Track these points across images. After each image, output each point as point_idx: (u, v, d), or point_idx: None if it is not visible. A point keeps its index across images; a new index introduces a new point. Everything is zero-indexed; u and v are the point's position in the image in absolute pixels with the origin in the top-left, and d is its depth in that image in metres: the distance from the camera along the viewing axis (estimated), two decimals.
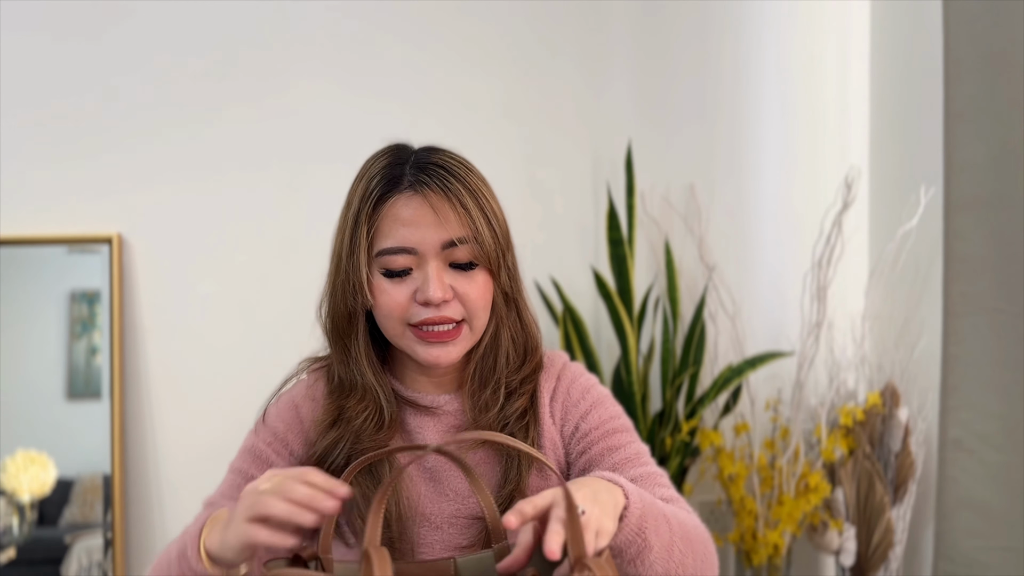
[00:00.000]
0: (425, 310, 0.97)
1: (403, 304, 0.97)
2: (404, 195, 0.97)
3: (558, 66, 2.05)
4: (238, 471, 1.03)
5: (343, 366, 1.03)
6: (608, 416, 1.05)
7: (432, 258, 0.97)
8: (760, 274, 2.15)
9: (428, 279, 0.96)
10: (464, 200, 0.96)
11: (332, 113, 1.94)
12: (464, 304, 0.98)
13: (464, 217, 0.96)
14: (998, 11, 1.67)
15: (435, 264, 0.96)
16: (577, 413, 1.05)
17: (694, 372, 1.96)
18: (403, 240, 0.96)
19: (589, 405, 1.05)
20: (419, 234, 0.96)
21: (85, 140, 1.85)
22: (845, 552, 1.93)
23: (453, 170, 0.98)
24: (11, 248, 1.82)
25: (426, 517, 0.99)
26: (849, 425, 1.92)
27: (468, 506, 0.99)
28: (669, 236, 2.06)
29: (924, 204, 1.92)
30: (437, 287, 0.95)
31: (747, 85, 2.14)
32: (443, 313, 0.97)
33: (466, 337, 1.00)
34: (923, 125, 1.95)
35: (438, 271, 0.96)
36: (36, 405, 1.83)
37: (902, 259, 1.98)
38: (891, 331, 2.01)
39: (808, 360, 1.95)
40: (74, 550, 1.81)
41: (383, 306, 0.98)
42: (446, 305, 0.97)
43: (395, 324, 0.99)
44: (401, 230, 0.96)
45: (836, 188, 2.00)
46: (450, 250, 0.97)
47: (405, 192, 0.97)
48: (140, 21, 1.87)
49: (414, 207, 0.96)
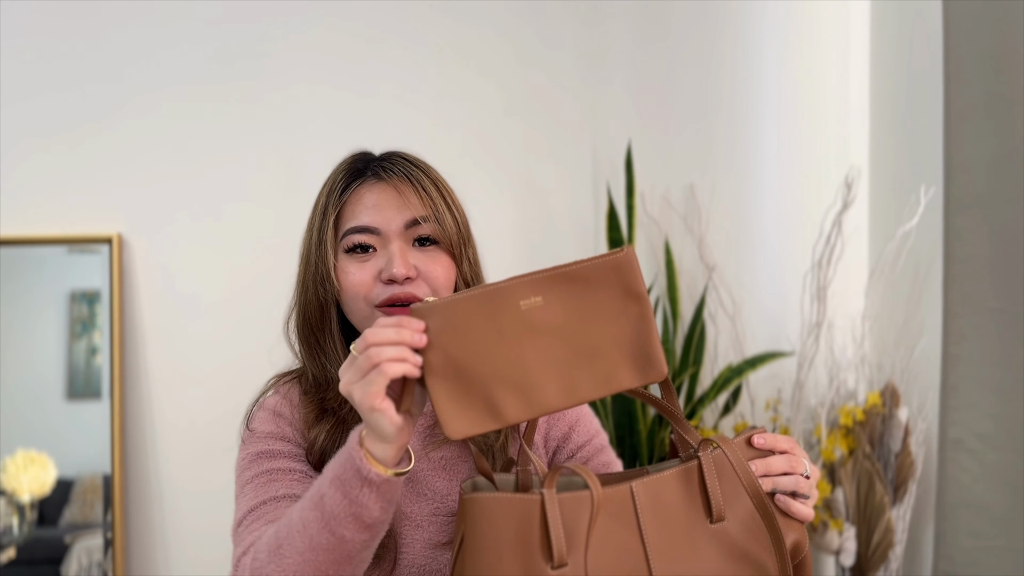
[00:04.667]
0: (390, 288, 0.98)
1: (368, 283, 0.99)
2: (368, 182, 1.02)
3: (558, 66, 2.05)
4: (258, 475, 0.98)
5: (316, 364, 1.03)
6: (595, 430, 1.09)
7: (395, 238, 0.99)
8: (760, 274, 2.15)
9: (392, 256, 0.98)
10: (425, 185, 1.01)
11: (332, 114, 1.94)
12: (428, 282, 0.99)
13: (426, 199, 1.00)
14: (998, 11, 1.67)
15: (398, 243, 0.99)
16: (565, 423, 1.07)
17: (694, 372, 1.96)
18: (367, 220, 0.99)
19: (575, 418, 1.08)
20: (382, 215, 0.99)
21: (85, 140, 1.85)
22: (845, 552, 1.93)
23: (415, 162, 1.04)
24: (11, 248, 1.82)
25: (408, 516, 1.00)
26: (849, 425, 1.92)
27: (447, 504, 1.01)
28: (669, 236, 2.06)
29: (924, 204, 1.92)
30: (400, 263, 0.97)
31: (747, 85, 2.14)
32: (407, 290, 0.98)
33: None
34: (923, 125, 1.95)
35: (401, 249, 0.98)
36: (36, 405, 1.83)
37: (902, 259, 1.98)
38: (891, 331, 2.01)
39: (808, 360, 1.95)
40: (74, 550, 1.81)
41: (349, 287, 0.99)
42: (410, 283, 0.98)
43: (362, 306, 0.99)
44: (365, 212, 1.00)
45: (836, 188, 2.00)
46: (413, 228, 0.99)
47: (369, 180, 1.02)
48: (141, 22, 1.87)
49: (377, 191, 1.01)
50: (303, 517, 0.83)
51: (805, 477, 0.87)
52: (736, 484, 0.85)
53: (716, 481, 0.84)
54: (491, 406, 0.79)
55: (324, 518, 0.82)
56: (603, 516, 0.80)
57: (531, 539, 0.77)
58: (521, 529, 0.78)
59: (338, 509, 0.81)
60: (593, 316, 0.81)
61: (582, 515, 0.78)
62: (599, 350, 0.81)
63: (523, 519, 0.78)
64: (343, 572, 0.84)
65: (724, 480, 0.85)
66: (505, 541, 0.78)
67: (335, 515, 0.81)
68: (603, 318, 0.82)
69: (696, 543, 0.83)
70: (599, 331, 0.82)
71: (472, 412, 0.78)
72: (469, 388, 0.79)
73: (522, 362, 0.79)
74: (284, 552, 0.83)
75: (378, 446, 0.81)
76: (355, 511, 0.81)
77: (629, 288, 0.82)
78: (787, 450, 0.88)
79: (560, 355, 0.80)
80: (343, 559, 0.83)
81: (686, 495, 0.83)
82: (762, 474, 0.86)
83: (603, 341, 0.82)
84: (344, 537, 0.82)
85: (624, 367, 0.82)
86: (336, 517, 0.81)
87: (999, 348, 1.70)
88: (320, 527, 0.82)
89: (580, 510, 0.78)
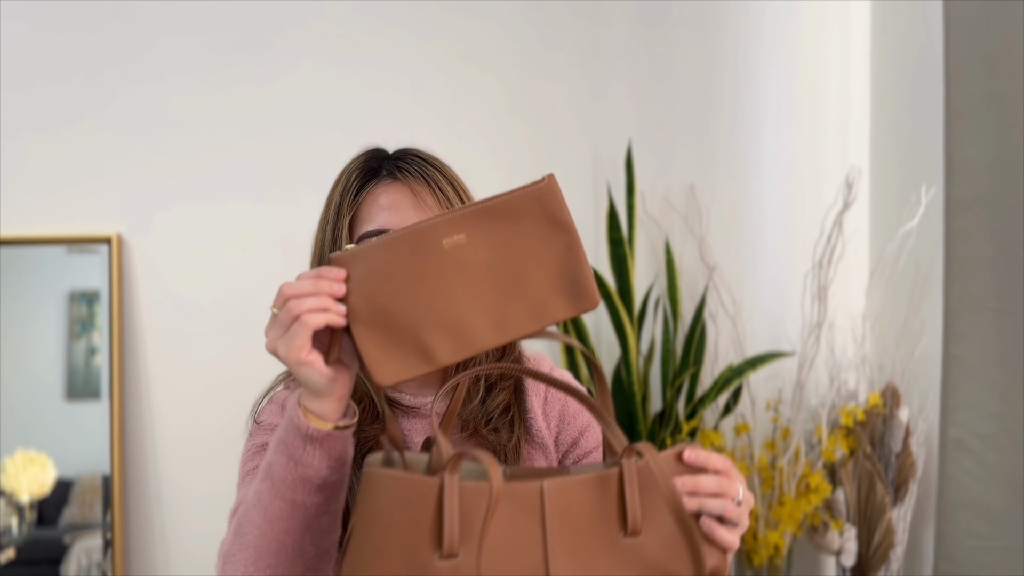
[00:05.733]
0: None
1: None
2: (383, 183, 0.99)
3: (558, 66, 2.05)
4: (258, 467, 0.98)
5: None
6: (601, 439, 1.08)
7: None
8: (760, 274, 2.15)
9: None
10: (442, 185, 0.99)
11: (332, 114, 1.94)
12: None
13: (443, 200, 0.98)
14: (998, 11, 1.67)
15: None
16: (576, 427, 1.06)
17: (694, 372, 1.96)
18: (383, 223, 0.97)
19: (584, 424, 1.07)
20: (399, 216, 0.97)
21: (85, 140, 1.85)
22: (846, 552, 1.93)
23: (431, 160, 1.02)
24: (11, 248, 1.82)
25: None
26: (850, 425, 1.92)
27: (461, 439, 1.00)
28: (669, 236, 2.06)
29: (924, 204, 1.92)
30: None
31: (747, 85, 2.14)
32: None
33: None
34: (923, 125, 1.95)
35: None
36: (36, 405, 1.83)
37: (902, 259, 1.98)
38: (891, 331, 2.01)
39: (809, 360, 1.95)
40: (73, 550, 1.81)
41: None
42: None
43: None
44: (381, 214, 0.98)
45: (836, 188, 2.00)
46: None
47: (384, 180, 0.99)
48: (139, 19, 1.87)
49: (393, 192, 0.98)
50: (257, 490, 0.83)
51: (737, 503, 0.81)
52: (658, 498, 0.80)
53: (636, 492, 0.79)
54: (421, 349, 0.77)
55: (275, 486, 0.81)
56: (508, 511, 0.76)
57: (423, 524, 0.73)
58: (415, 513, 0.73)
59: (285, 473, 0.81)
60: (519, 249, 0.80)
61: (483, 506, 0.74)
62: (528, 284, 0.79)
63: (419, 503, 0.73)
64: (304, 542, 0.82)
65: (646, 492, 0.80)
66: (397, 523, 0.73)
67: (284, 480, 0.81)
68: (529, 250, 0.80)
69: (604, 553, 0.78)
70: (526, 264, 0.80)
71: (401, 356, 0.77)
72: (397, 333, 0.77)
73: (450, 302, 0.78)
74: (244, 530, 0.83)
75: (315, 402, 0.80)
76: (301, 472, 0.80)
77: (553, 218, 0.81)
78: (721, 470, 0.82)
79: (489, 292, 0.79)
80: (301, 527, 0.82)
81: (601, 502, 0.79)
82: (689, 491, 0.80)
83: (531, 274, 0.80)
84: (296, 502, 0.81)
85: (555, 298, 0.80)
86: (285, 481, 0.81)
87: (999, 348, 1.70)
88: (272, 496, 0.81)
89: (482, 501, 0.74)
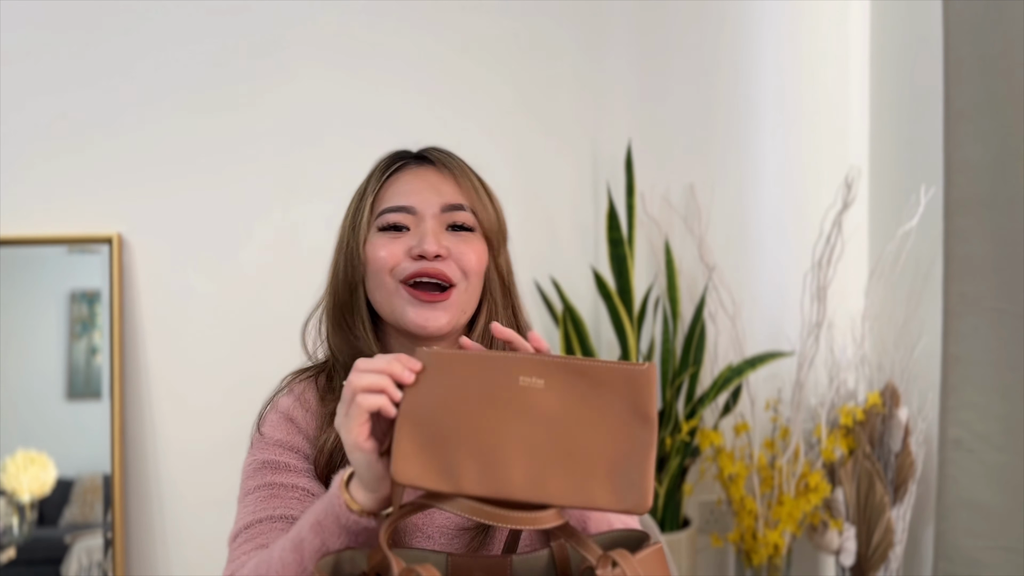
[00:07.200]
0: (418, 263, 0.96)
1: (396, 256, 0.97)
2: (409, 169, 1.02)
3: (558, 66, 2.05)
4: (260, 487, 0.98)
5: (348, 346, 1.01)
6: None
7: (430, 218, 0.98)
8: (760, 274, 2.15)
9: (424, 234, 0.96)
10: (467, 174, 1.02)
11: (332, 113, 1.94)
12: (459, 264, 0.98)
13: (466, 189, 1.00)
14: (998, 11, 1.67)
15: (433, 223, 0.98)
16: None
17: (694, 372, 1.96)
18: (404, 200, 0.99)
19: None
20: (420, 196, 0.99)
21: (85, 140, 1.85)
22: (845, 552, 1.93)
23: (455, 156, 1.05)
24: (11, 248, 1.82)
25: (419, 528, 0.98)
26: (849, 425, 1.92)
27: (455, 517, 0.98)
28: (669, 236, 2.06)
29: (924, 204, 1.92)
30: (432, 240, 0.96)
31: (747, 85, 2.14)
32: (437, 266, 0.96)
33: (455, 304, 0.98)
34: (923, 125, 1.95)
35: (435, 229, 0.97)
36: (36, 405, 1.83)
37: (902, 259, 1.98)
38: (891, 331, 2.01)
39: (808, 360, 1.95)
40: (74, 550, 1.81)
41: (375, 260, 0.97)
42: (441, 261, 0.97)
43: (386, 279, 0.97)
44: (403, 193, 1.00)
45: (836, 188, 2.00)
46: (450, 213, 0.99)
47: (410, 166, 1.03)
48: (140, 20, 1.87)
49: (418, 174, 1.01)
50: (283, 558, 0.82)
51: None
52: None
53: None
54: (448, 466, 0.74)
55: (303, 562, 0.80)
56: None
57: None
58: None
59: (316, 554, 0.80)
60: (589, 419, 0.75)
61: None
62: (582, 456, 0.74)
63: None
64: None
65: None
66: None
67: (312, 558, 0.80)
68: (600, 426, 0.75)
69: None
70: (589, 436, 0.75)
71: (427, 463, 0.74)
72: (436, 442, 0.74)
73: (499, 436, 0.74)
74: None
75: (361, 493, 0.78)
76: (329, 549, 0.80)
77: (638, 406, 0.76)
78: None
79: (541, 445, 0.74)
80: None
81: None
82: None
83: (590, 448, 0.74)
84: None
85: (602, 484, 0.74)
86: (313, 559, 0.80)
87: (999, 348, 1.70)
88: (298, 571, 0.81)
89: None
